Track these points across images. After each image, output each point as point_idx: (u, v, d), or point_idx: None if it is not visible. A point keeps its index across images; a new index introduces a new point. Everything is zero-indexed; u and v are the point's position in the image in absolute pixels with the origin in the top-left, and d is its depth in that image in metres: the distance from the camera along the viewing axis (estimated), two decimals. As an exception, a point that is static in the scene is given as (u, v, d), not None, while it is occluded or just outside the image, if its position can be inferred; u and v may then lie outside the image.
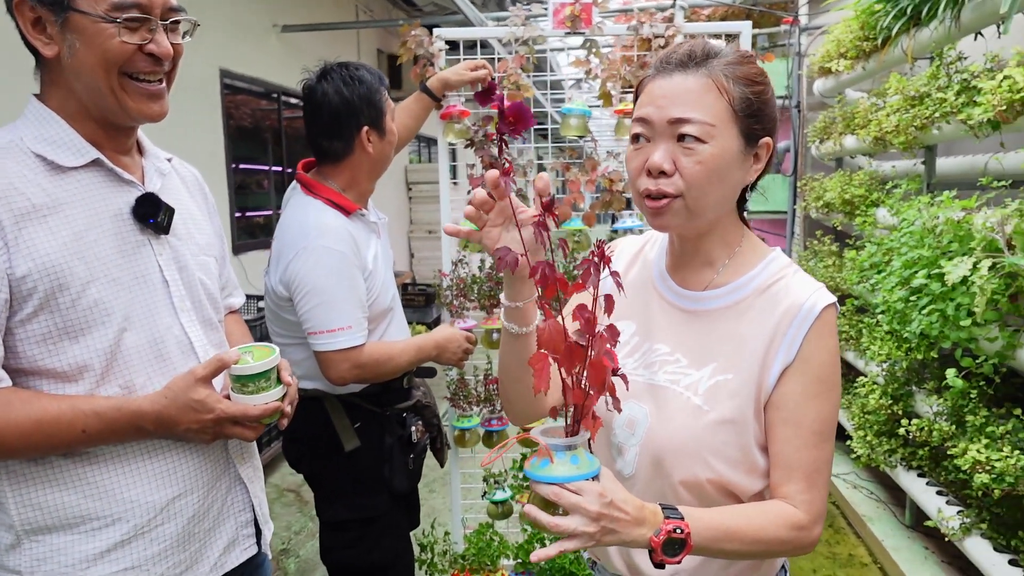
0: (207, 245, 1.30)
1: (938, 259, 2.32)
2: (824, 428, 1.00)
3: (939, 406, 2.44)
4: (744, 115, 0.99)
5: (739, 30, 2.35)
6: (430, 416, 1.99)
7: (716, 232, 1.06)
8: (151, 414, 1.08)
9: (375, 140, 1.78)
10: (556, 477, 0.87)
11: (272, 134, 5.74)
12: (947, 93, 2.39)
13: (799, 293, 1.01)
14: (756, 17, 4.95)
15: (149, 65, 1.09)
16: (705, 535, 0.92)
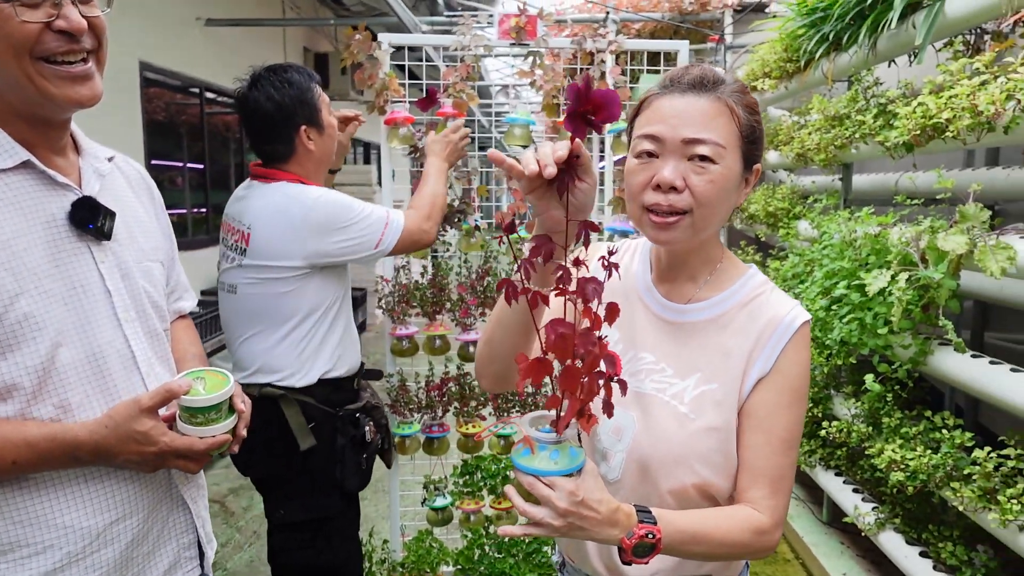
0: (152, 249, 1.22)
1: (857, 271, 2.47)
2: (792, 436, 1.05)
3: (857, 409, 2.59)
4: (748, 141, 1.04)
5: (677, 48, 2.43)
6: (379, 417, 2.02)
7: (702, 249, 1.10)
8: (88, 444, 1.01)
9: (315, 137, 1.83)
10: (533, 469, 0.91)
11: (193, 130, 5.53)
12: (866, 116, 2.54)
13: (779, 309, 1.06)
14: (684, 34, 5.13)
15: (63, 44, 0.98)
16: (675, 538, 0.96)
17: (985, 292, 2.36)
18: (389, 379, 2.43)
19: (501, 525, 2.49)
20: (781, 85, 3.55)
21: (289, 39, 7.15)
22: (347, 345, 1.91)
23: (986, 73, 1.93)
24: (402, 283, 2.41)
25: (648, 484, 1.06)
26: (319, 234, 1.74)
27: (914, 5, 2.35)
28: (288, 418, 1.77)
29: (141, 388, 1.11)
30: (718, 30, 5.08)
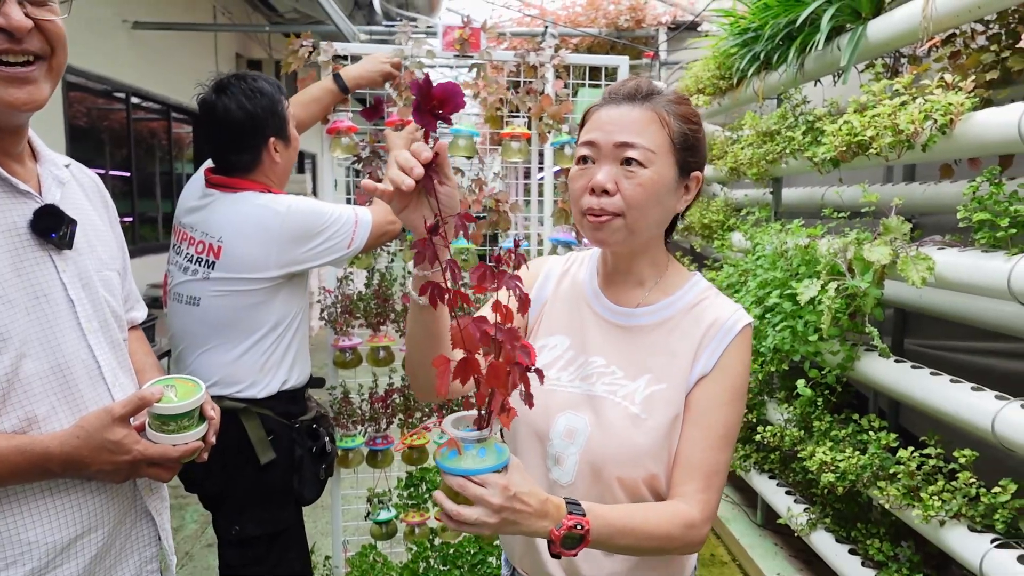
0: (110, 258, 1.21)
1: (788, 281, 2.58)
2: (728, 433, 1.09)
3: (789, 414, 2.69)
4: (680, 148, 1.08)
5: (618, 63, 2.50)
6: (327, 427, 2.01)
7: (647, 254, 1.15)
8: (59, 456, 0.99)
9: (281, 149, 1.82)
10: (463, 469, 0.91)
11: (118, 136, 5.32)
12: (795, 132, 2.66)
13: (721, 312, 1.11)
14: (620, 50, 5.25)
15: (2, 43, 0.95)
16: (603, 531, 0.98)
17: (905, 300, 2.50)
18: (332, 391, 2.39)
19: (446, 536, 2.49)
20: (715, 101, 3.68)
21: (221, 45, 6.97)
22: (305, 355, 1.91)
23: (905, 94, 2.05)
24: (345, 293, 2.38)
25: (601, 484, 1.08)
26: (295, 242, 1.74)
27: (839, 28, 2.48)
28: (248, 431, 1.74)
29: (107, 399, 1.10)
30: (652, 47, 5.23)
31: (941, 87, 1.94)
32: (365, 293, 2.39)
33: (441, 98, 0.84)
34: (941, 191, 2.31)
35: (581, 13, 5.47)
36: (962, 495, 1.87)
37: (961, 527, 1.86)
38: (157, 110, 5.94)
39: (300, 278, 1.84)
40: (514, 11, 6.01)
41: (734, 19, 3.21)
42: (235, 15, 7.21)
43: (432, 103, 0.84)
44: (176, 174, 6.28)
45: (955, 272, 1.86)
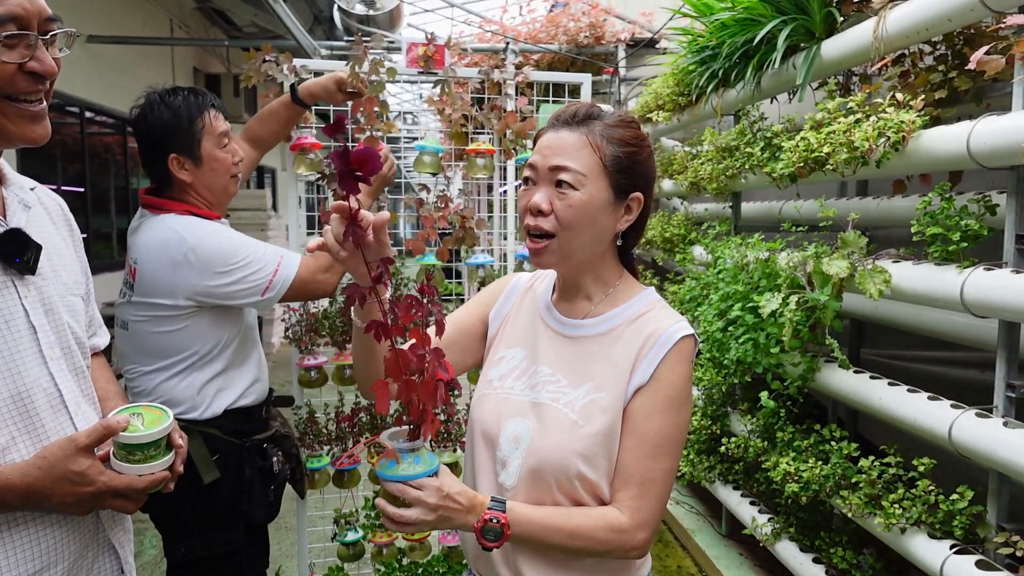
0: (74, 284, 1.18)
1: (750, 293, 2.63)
2: (664, 443, 1.11)
3: (752, 425, 2.73)
4: (614, 170, 1.12)
5: (580, 81, 2.53)
6: (288, 446, 1.96)
7: (592, 271, 1.19)
8: (20, 488, 0.95)
9: (190, 167, 1.73)
10: (401, 476, 1.02)
11: (71, 151, 5.19)
12: (754, 148, 2.72)
13: (661, 323, 1.14)
14: (580, 66, 5.31)
15: (30, 84, 0.99)
16: (525, 527, 1.07)
17: (861, 311, 2.56)
18: (297, 411, 2.35)
19: (415, 556, 2.46)
20: (674, 117, 3.75)
21: (178, 60, 6.86)
22: (257, 374, 1.86)
23: (859, 112, 2.12)
24: (310, 311, 2.35)
25: (541, 487, 1.12)
26: (203, 275, 1.65)
27: (794, 48, 2.55)
28: (190, 451, 1.68)
29: (70, 428, 1.06)
30: (612, 63, 5.30)
31: (893, 105, 2.01)
32: (331, 311, 2.36)
33: (360, 161, 0.91)
34: (894, 205, 2.38)
35: (541, 30, 5.52)
36: (922, 502, 1.92)
37: (921, 534, 1.91)
38: (112, 124, 5.82)
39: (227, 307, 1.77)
40: (475, 27, 6.05)
41: (692, 37, 3.28)
42: (192, 29, 7.11)
43: (352, 168, 0.91)
44: (132, 189, 6.14)
45: (910, 284, 1.92)
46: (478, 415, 1.20)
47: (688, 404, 1.14)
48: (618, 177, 1.12)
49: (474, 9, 6.51)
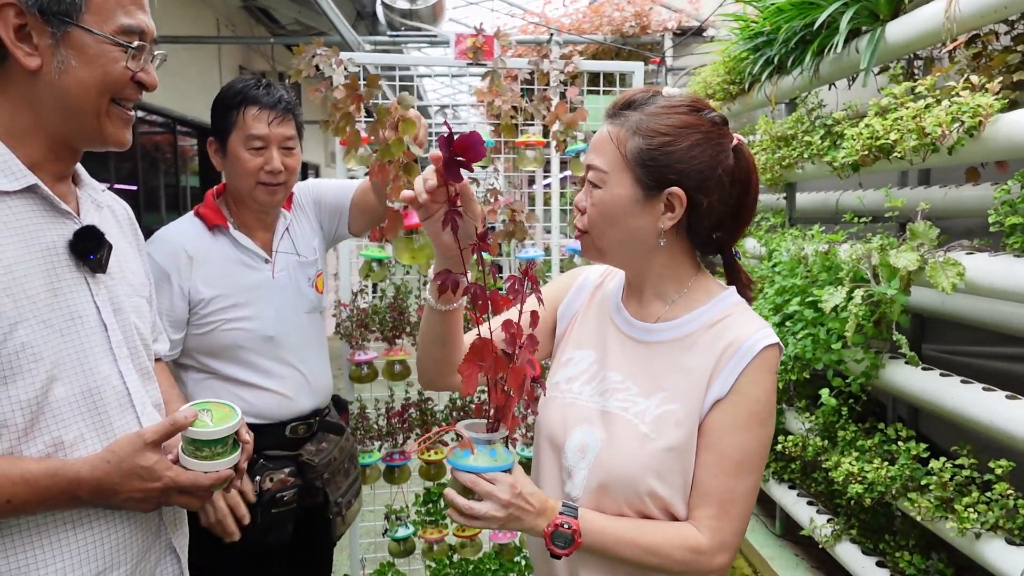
0: (140, 285, 1.18)
1: (809, 287, 2.54)
2: (746, 460, 1.03)
3: (811, 423, 2.64)
4: (635, 164, 1.03)
5: (632, 70, 2.47)
6: (311, 477, 1.78)
7: (653, 269, 1.10)
8: (90, 481, 0.95)
9: (218, 156, 1.73)
10: (475, 467, 0.99)
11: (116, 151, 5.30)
12: (813, 137, 2.62)
13: (743, 330, 1.05)
14: (625, 56, 5.23)
15: (134, 93, 1.05)
16: (596, 537, 1.02)
17: (928, 306, 2.45)
18: (348, 406, 2.35)
19: (465, 553, 2.44)
20: (724, 106, 3.65)
21: (225, 58, 6.96)
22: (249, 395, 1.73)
23: (929, 96, 2.02)
24: (360, 307, 2.34)
25: (608, 502, 1.07)
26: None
27: (855, 31, 2.45)
28: None
29: (136, 427, 1.07)
30: (658, 53, 5.20)
31: (967, 89, 1.90)
32: (380, 306, 2.35)
33: (463, 148, 0.91)
34: (964, 195, 2.27)
35: (585, 20, 5.45)
36: (999, 507, 1.82)
37: (998, 540, 1.81)
38: (162, 123, 5.93)
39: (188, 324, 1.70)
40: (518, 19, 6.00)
41: (745, 24, 3.19)
42: (238, 28, 7.21)
43: (456, 153, 0.91)
44: (181, 187, 6.26)
45: (987, 277, 1.82)
46: (544, 419, 1.16)
47: (772, 419, 1.05)
48: (642, 171, 1.03)
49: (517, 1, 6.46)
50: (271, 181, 1.69)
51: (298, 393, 1.80)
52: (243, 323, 1.71)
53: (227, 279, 1.70)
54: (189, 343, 1.71)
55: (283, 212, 1.82)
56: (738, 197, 1.07)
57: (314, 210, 1.92)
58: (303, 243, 1.85)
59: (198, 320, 1.68)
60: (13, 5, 0.93)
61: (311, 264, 1.85)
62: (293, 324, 1.78)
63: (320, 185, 1.95)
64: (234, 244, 1.73)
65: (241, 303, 1.71)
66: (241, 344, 1.71)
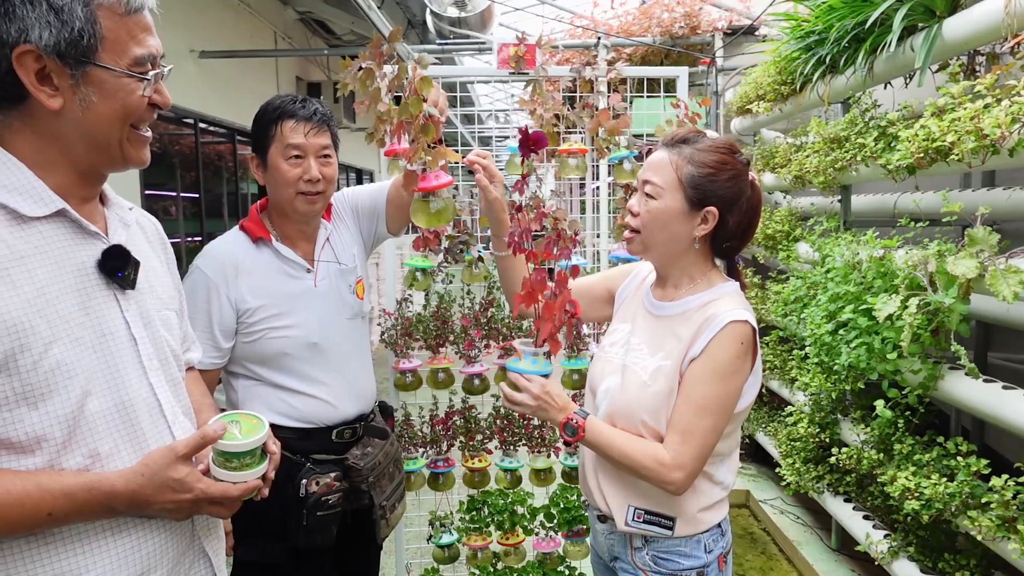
0: (169, 299, 1.23)
1: (863, 294, 2.45)
2: (708, 405, 1.33)
3: (866, 435, 2.56)
4: (688, 186, 1.38)
5: (676, 74, 2.43)
6: (357, 480, 1.82)
7: (678, 266, 1.46)
8: (125, 494, 0.99)
9: (260, 171, 1.79)
10: (519, 369, 1.45)
11: (187, 160, 5.51)
12: (866, 138, 2.54)
13: (719, 308, 1.37)
14: (675, 58, 5.16)
15: (149, 114, 1.09)
16: (594, 435, 1.39)
17: (991, 314, 2.34)
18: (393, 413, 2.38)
19: (509, 561, 2.45)
20: (775, 107, 3.56)
21: (282, 70, 7.15)
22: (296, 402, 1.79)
23: (988, 96, 1.93)
24: (405, 316, 2.37)
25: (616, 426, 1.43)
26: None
27: (911, 28, 2.36)
28: None
29: (168, 436, 1.11)
30: (708, 53, 5.11)
31: (1029, 88, 1.81)
32: (424, 315, 2.37)
33: (535, 140, 1.48)
34: (1029, 197, 2.16)
35: (634, 22, 5.39)
36: (1066, 527, 1.73)
37: (1065, 562, 1.72)
38: (223, 134, 6.13)
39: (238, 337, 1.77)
40: (565, 24, 5.98)
41: (796, 22, 3.11)
42: (295, 40, 7.40)
43: (529, 143, 1.47)
44: (241, 194, 6.47)
45: (1051, 286, 1.73)
46: (590, 372, 1.57)
47: (733, 379, 1.34)
48: (691, 192, 1.37)
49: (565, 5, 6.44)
50: (310, 190, 1.74)
51: (343, 399, 1.84)
52: (288, 331, 1.76)
53: (271, 289, 1.75)
54: (238, 351, 1.77)
55: (323, 222, 1.87)
56: (749, 220, 1.42)
57: (352, 217, 1.96)
58: (343, 251, 1.89)
59: (245, 329, 1.74)
60: (32, 51, 0.96)
61: (351, 271, 1.89)
62: (336, 331, 1.83)
63: (355, 191, 2.00)
64: (277, 255, 1.78)
65: (285, 312, 1.76)
66: (287, 351, 1.77)
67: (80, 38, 0.97)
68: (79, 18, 0.96)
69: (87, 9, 0.97)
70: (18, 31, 0.95)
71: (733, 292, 1.42)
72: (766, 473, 4.09)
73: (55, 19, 0.95)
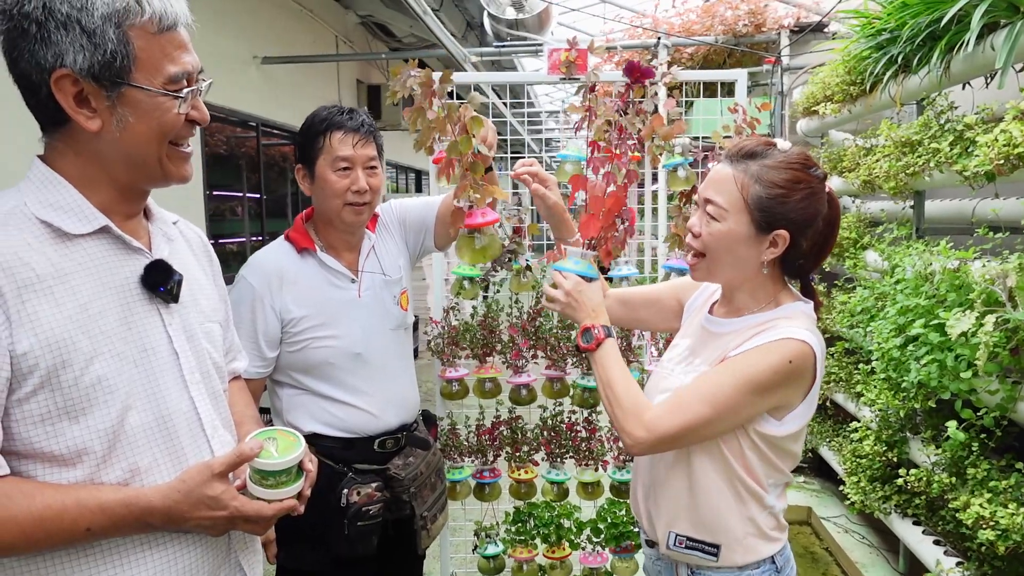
0: (212, 311, 1.23)
1: (935, 308, 2.31)
2: (710, 394, 1.23)
3: (937, 456, 2.41)
4: (755, 208, 1.25)
5: (735, 78, 2.34)
6: (398, 490, 1.82)
7: (746, 289, 1.35)
8: (161, 510, 1.01)
9: (307, 182, 1.79)
10: (558, 266, 1.47)
11: (250, 163, 5.67)
12: (940, 143, 2.39)
13: (778, 325, 1.26)
14: (739, 56, 5.00)
15: (189, 131, 1.09)
16: (604, 355, 1.36)
17: (1080, 331, 2.17)
18: (439, 422, 2.37)
19: (555, 575, 2.40)
20: (844, 108, 3.40)
21: (343, 73, 7.28)
22: (339, 411, 1.80)
23: (1078, 98, 1.78)
24: (452, 324, 2.36)
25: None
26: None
27: (991, 26, 2.20)
28: None
29: (207, 450, 1.12)
30: (774, 52, 4.94)
31: (1125, 89, 1.66)
32: (471, 323, 2.35)
33: (641, 71, 1.65)
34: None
35: (696, 21, 5.25)
36: None
37: None
38: (285, 137, 6.28)
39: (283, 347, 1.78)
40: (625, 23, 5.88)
41: (866, 20, 2.95)
42: (356, 43, 7.51)
43: (636, 74, 1.63)
44: (301, 196, 6.62)
45: None
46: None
47: (756, 390, 1.21)
48: (759, 215, 1.25)
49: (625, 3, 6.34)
50: (358, 201, 1.75)
51: (385, 409, 1.84)
52: (331, 341, 1.77)
53: (315, 299, 1.76)
54: (283, 360, 1.78)
55: (368, 233, 1.87)
56: (825, 238, 1.30)
57: (399, 229, 1.96)
58: (388, 262, 1.89)
59: (290, 339, 1.75)
60: (68, 75, 0.97)
61: (396, 282, 1.88)
62: (379, 341, 1.83)
63: (404, 204, 1.99)
64: (321, 265, 1.79)
65: (329, 321, 1.76)
66: (330, 361, 1.77)
67: (113, 60, 0.97)
68: (111, 40, 0.97)
69: (119, 31, 0.97)
70: (54, 56, 0.96)
71: (799, 313, 1.30)
72: (830, 488, 3.92)
73: (88, 42, 0.96)
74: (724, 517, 1.31)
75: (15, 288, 0.95)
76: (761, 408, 1.25)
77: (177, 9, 1.02)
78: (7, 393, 0.95)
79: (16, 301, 0.95)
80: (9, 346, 0.94)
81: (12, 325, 0.94)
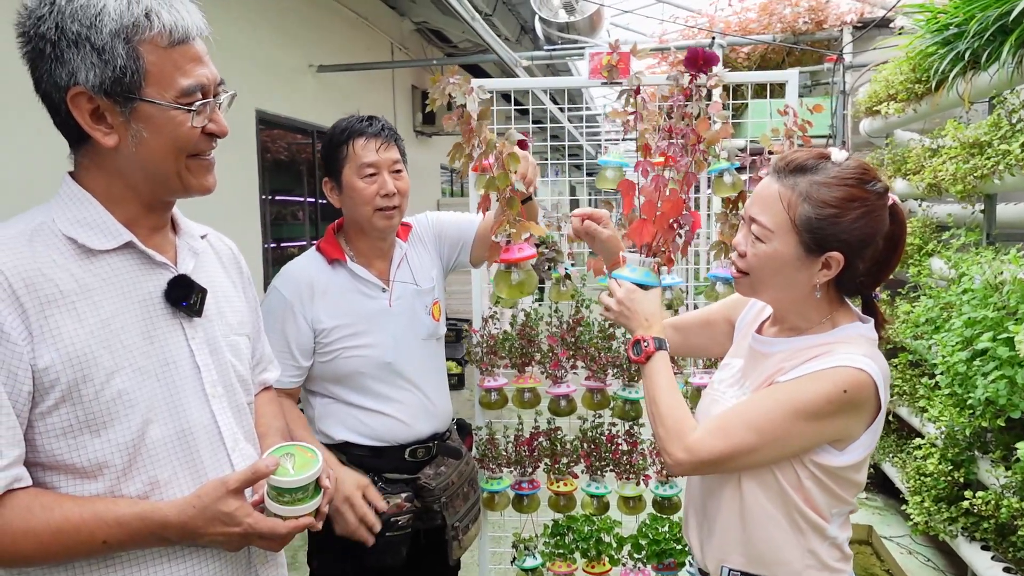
0: (239, 324, 1.24)
1: (1004, 320, 2.16)
2: (756, 421, 1.16)
3: (1007, 479, 2.25)
4: (803, 230, 1.15)
5: (785, 79, 2.25)
6: (429, 500, 1.81)
7: (796, 310, 1.25)
8: (176, 525, 1.01)
9: (335, 194, 1.80)
10: (615, 274, 1.44)
11: (307, 168, 5.80)
12: (1011, 144, 2.24)
13: (835, 352, 1.16)
14: (798, 55, 4.84)
15: (208, 143, 1.08)
16: (654, 369, 1.30)
17: None
18: (477, 432, 2.35)
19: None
20: (908, 107, 3.24)
21: (398, 79, 7.36)
22: (369, 420, 1.80)
23: None
24: (490, 333, 2.33)
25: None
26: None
27: (1068, 17, 2.05)
28: None
29: (227, 464, 1.12)
30: (836, 49, 4.75)
31: None
32: (510, 333, 2.32)
33: (704, 58, 1.58)
34: None
35: (753, 20, 5.10)
36: None
37: None
38: (340, 144, 6.39)
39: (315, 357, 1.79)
40: (680, 23, 5.75)
41: (932, 14, 2.80)
42: (411, 50, 7.59)
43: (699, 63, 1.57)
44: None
45: None
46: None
47: (806, 420, 1.13)
48: (808, 237, 1.15)
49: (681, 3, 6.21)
50: (387, 205, 1.75)
51: (416, 418, 1.84)
52: (363, 350, 1.77)
53: (346, 309, 1.77)
54: (315, 370, 1.79)
55: (399, 242, 1.87)
56: (888, 256, 1.18)
57: (435, 243, 1.96)
58: (420, 272, 1.88)
59: (322, 349, 1.76)
60: (82, 92, 0.98)
61: (428, 292, 1.88)
62: (411, 351, 1.83)
63: (441, 218, 1.98)
64: (352, 276, 1.79)
65: (360, 331, 1.77)
66: (362, 371, 1.77)
67: (123, 75, 0.98)
68: (120, 56, 0.97)
69: (128, 46, 0.98)
70: (68, 74, 0.98)
71: (859, 337, 1.20)
72: (893, 506, 3.73)
73: (97, 59, 0.97)
74: (781, 550, 1.21)
75: (38, 304, 0.97)
76: (815, 439, 1.16)
77: (189, 22, 1.02)
78: (30, 406, 0.97)
79: (39, 317, 0.96)
80: (31, 361, 0.96)
81: (34, 340, 0.96)
